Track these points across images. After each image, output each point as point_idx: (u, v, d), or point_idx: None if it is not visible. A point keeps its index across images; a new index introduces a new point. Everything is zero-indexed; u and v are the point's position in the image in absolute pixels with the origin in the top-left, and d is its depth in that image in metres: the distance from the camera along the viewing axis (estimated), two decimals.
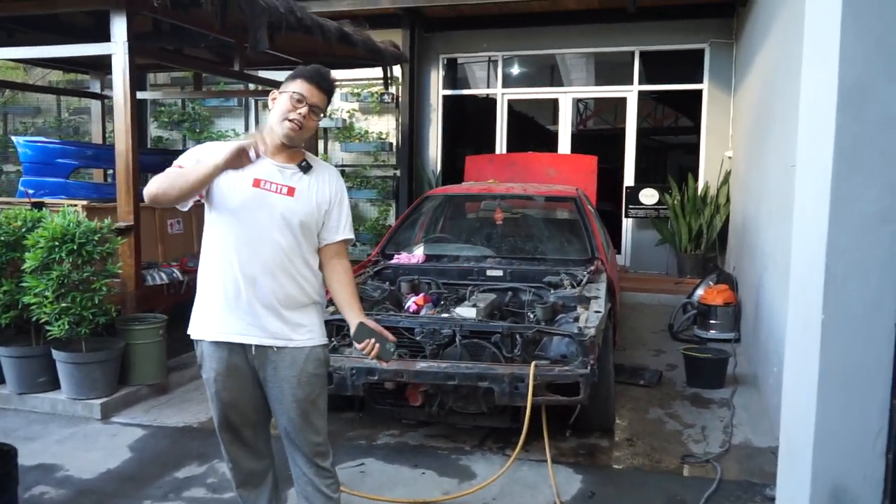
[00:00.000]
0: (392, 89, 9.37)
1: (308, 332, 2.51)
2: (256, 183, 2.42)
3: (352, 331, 2.48)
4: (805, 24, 2.56)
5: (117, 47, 4.88)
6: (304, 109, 2.40)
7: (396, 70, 9.03)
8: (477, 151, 9.28)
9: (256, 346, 2.46)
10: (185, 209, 2.49)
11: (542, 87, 10.47)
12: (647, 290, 8.17)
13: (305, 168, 2.49)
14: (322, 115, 2.49)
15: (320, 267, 2.57)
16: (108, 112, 8.51)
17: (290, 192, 2.45)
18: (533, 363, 3.53)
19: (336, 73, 2.55)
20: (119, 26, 4.87)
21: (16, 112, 11.80)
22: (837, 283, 2.26)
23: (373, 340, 2.43)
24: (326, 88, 2.46)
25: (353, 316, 2.49)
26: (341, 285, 2.55)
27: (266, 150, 2.47)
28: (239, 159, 2.33)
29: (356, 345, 2.46)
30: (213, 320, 2.47)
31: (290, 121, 2.40)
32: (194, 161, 2.40)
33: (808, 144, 2.50)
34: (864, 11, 2.13)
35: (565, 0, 8.81)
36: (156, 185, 2.32)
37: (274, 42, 5.50)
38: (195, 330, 2.54)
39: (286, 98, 2.41)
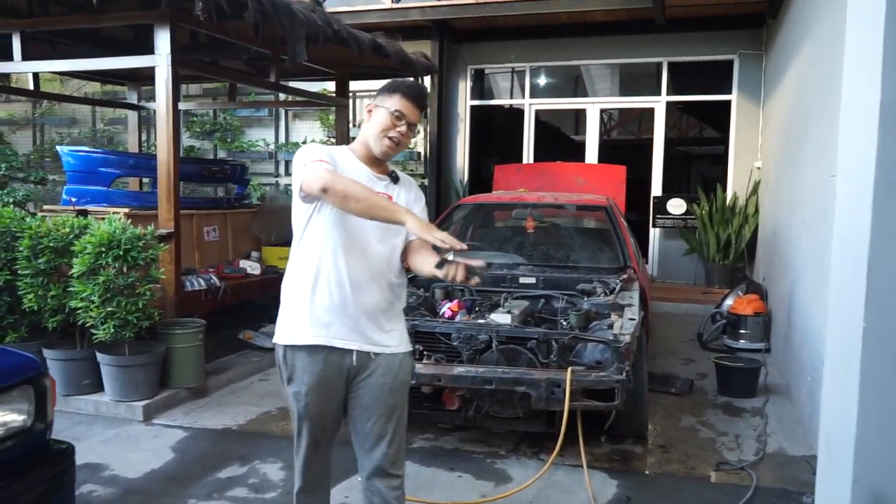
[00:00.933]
0: None
1: (399, 339, 2.53)
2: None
3: (435, 263, 2.31)
4: (846, 38, 2.60)
5: (161, 59, 5.02)
6: (403, 128, 2.41)
7: (426, 80, 9.14)
8: (504, 161, 9.36)
9: (357, 353, 2.43)
10: (309, 203, 2.39)
11: (569, 98, 10.55)
12: (675, 299, 8.17)
13: (396, 179, 2.53)
14: (417, 131, 2.52)
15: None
16: (143, 122, 8.72)
17: (389, 199, 2.44)
18: (569, 369, 3.58)
19: (366, 84, 2.57)
20: (163, 39, 5.01)
21: (52, 123, 12.10)
22: (879, 292, 2.29)
23: (459, 262, 2.23)
24: (423, 106, 2.49)
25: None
26: (426, 249, 2.43)
27: (361, 159, 2.48)
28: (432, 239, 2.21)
29: (439, 274, 2.27)
30: (314, 325, 2.41)
31: (389, 139, 2.41)
32: (328, 157, 2.37)
33: (850, 156, 2.53)
34: None
35: (593, 12, 8.86)
36: (341, 186, 2.23)
37: (309, 53, 5.62)
38: (288, 336, 2.45)
39: (385, 115, 2.40)
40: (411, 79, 2.48)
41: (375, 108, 2.44)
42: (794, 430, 4.38)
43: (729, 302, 6.68)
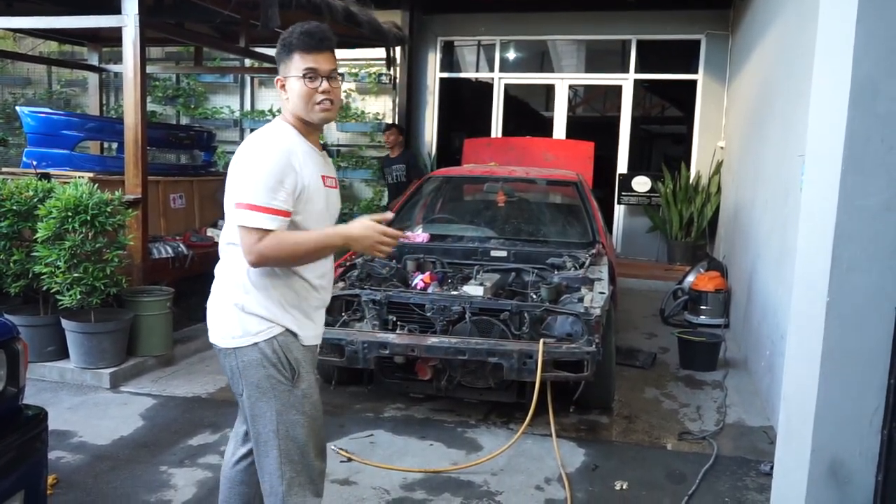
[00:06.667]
0: (390, 70, 9.43)
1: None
2: (324, 181, 2.20)
3: None
4: (819, 19, 2.67)
5: (129, 20, 4.89)
6: (323, 85, 2.09)
7: (396, 51, 9.06)
8: (472, 134, 9.35)
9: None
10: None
11: (539, 73, 10.56)
12: (638, 275, 8.33)
13: (330, 152, 2.31)
14: (339, 74, 2.16)
15: None
16: (104, 85, 8.48)
17: (335, 183, 2.27)
18: (541, 340, 3.65)
19: (337, 53, 2.20)
20: None
21: (4, 82, 11.67)
22: (843, 268, 2.39)
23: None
24: (331, 46, 2.12)
25: None
26: None
27: (304, 134, 2.18)
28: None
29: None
30: (308, 324, 2.24)
31: (318, 104, 2.10)
32: (284, 183, 2.04)
33: (819, 136, 2.62)
34: (879, 12, 2.25)
35: None
36: (287, 252, 2.05)
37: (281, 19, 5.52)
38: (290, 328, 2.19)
39: (297, 83, 2.09)
40: (299, 26, 2.12)
41: (285, 80, 2.12)
42: (753, 402, 4.54)
43: (690, 279, 6.84)
